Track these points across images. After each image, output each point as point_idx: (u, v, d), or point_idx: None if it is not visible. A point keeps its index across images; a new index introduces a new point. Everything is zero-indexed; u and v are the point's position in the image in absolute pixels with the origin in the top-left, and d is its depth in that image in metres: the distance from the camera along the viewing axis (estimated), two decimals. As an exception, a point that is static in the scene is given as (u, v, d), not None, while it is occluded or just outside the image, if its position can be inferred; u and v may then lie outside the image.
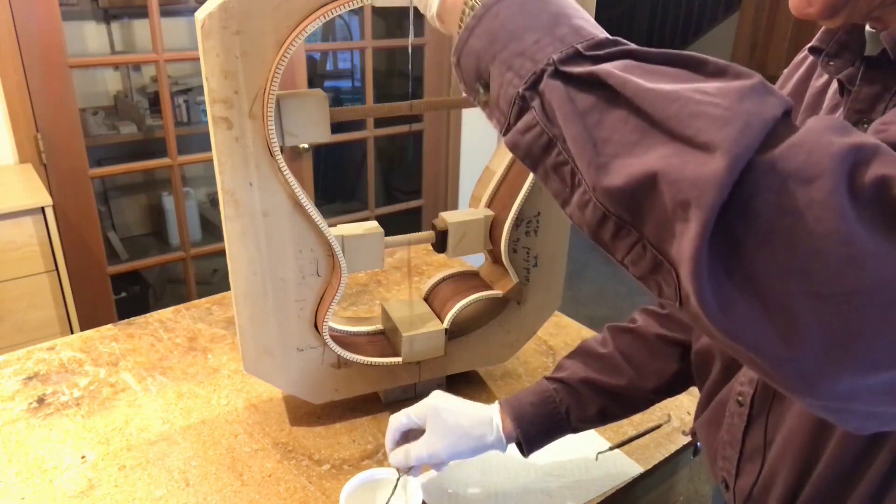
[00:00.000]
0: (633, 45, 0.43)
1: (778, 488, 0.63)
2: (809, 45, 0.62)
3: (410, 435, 0.82)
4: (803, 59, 0.69)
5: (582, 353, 0.86)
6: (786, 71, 0.72)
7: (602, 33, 0.44)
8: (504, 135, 0.45)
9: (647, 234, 0.38)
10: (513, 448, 0.94)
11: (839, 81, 0.58)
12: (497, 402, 0.83)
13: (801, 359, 0.34)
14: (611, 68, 0.40)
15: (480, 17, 0.46)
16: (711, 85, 0.38)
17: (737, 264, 0.35)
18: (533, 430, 0.81)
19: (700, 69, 0.40)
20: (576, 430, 0.83)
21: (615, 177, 0.38)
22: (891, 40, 0.51)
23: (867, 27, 0.56)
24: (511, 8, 0.45)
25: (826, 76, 0.62)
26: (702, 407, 0.76)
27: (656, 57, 0.41)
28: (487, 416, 0.80)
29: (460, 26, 0.49)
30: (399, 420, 0.81)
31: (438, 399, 0.82)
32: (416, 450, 0.79)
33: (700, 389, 0.77)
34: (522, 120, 0.44)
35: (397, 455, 0.80)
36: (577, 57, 0.42)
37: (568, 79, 0.41)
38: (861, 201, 0.33)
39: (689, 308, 0.37)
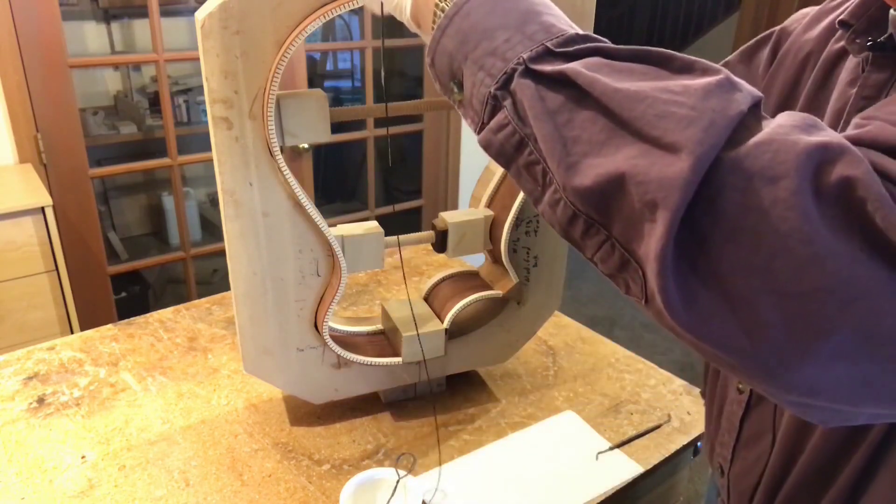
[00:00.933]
0: (603, 42, 0.43)
1: (766, 475, 0.64)
2: (840, 18, 0.60)
3: None
4: (814, 19, 0.68)
5: None
6: (793, 23, 0.70)
7: (573, 29, 0.44)
8: (478, 134, 0.46)
9: (616, 234, 0.39)
10: (512, 448, 0.94)
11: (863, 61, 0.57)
12: None
13: (764, 351, 0.35)
14: (579, 67, 0.40)
15: (451, 16, 0.46)
16: (678, 82, 0.38)
17: (702, 260, 0.35)
18: None
19: (667, 65, 0.40)
20: None
21: (584, 177, 0.39)
22: None
23: (892, 11, 0.54)
24: (482, 7, 0.45)
25: (843, 42, 0.60)
26: (713, 372, 0.77)
27: (625, 54, 0.41)
28: None
29: (433, 27, 0.49)
30: None
31: None
32: None
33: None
34: (495, 119, 0.44)
35: None
36: (547, 55, 0.42)
37: (538, 78, 0.41)
38: (825, 201, 0.34)
39: (654, 305, 0.37)
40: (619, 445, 0.97)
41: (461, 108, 0.47)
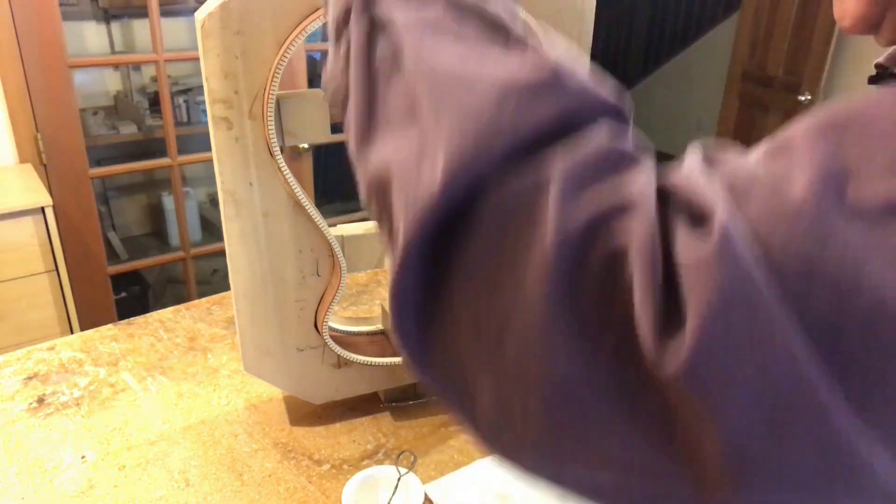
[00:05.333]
0: None
1: None
2: (876, 61, 0.55)
3: None
4: None
5: None
6: None
7: None
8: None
9: (393, 229, 0.32)
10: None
11: None
12: None
13: (479, 428, 0.30)
14: (410, 21, 0.33)
15: None
16: (493, 70, 0.30)
17: (438, 290, 0.29)
18: None
19: (501, 35, 0.33)
20: None
21: (372, 154, 0.33)
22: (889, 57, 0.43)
23: None
24: None
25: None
26: None
27: (470, 7, 0.34)
28: None
29: None
30: None
31: None
32: None
33: None
34: (328, 60, 0.37)
35: None
36: None
37: (371, 21, 0.34)
38: (584, 279, 0.25)
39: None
40: (619, 445, 0.96)
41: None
